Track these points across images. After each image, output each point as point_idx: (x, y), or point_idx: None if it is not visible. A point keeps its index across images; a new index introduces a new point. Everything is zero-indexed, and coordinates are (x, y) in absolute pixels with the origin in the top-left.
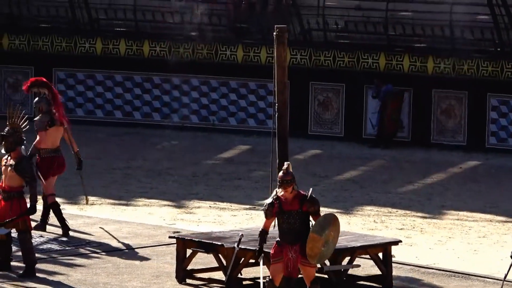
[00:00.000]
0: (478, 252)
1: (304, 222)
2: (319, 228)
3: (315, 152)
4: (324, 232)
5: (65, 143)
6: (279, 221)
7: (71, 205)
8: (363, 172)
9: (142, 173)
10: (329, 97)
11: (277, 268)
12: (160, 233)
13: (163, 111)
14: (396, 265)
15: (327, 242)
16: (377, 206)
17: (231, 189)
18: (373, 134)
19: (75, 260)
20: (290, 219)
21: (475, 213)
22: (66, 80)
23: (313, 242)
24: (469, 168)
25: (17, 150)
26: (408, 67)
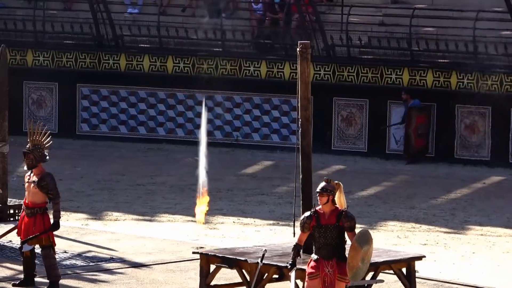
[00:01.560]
0: (501, 267)
1: (340, 237)
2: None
3: (338, 168)
4: (364, 246)
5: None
6: (315, 235)
7: (95, 220)
8: (386, 188)
9: (166, 189)
10: (352, 112)
11: (314, 284)
12: (184, 249)
13: (187, 126)
14: (419, 280)
15: (363, 260)
16: (400, 221)
17: (254, 204)
18: (396, 150)
19: (98, 276)
20: (327, 233)
21: (499, 228)
22: (90, 96)
23: (354, 251)
24: (493, 183)
25: (39, 166)
26: (431, 82)
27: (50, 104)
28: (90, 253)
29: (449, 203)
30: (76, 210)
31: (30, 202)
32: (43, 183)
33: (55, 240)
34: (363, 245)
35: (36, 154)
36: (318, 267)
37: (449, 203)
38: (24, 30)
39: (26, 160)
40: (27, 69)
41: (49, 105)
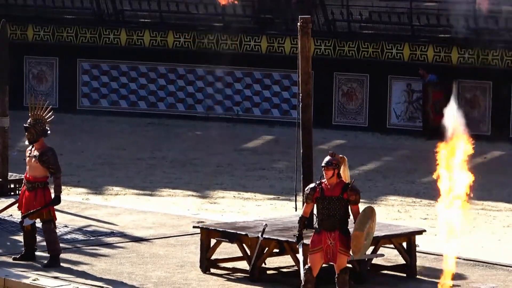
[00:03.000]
0: (502, 242)
1: (344, 209)
2: (361, 225)
3: (339, 142)
4: (365, 227)
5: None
6: (318, 207)
7: (95, 195)
8: (387, 162)
9: (166, 163)
10: (353, 87)
11: (316, 258)
12: (184, 223)
13: (188, 101)
14: (420, 254)
15: (368, 234)
16: (401, 196)
17: (255, 179)
18: (397, 124)
19: (99, 250)
20: (330, 205)
21: (499, 202)
22: (91, 71)
23: (356, 239)
24: (493, 158)
25: (40, 141)
26: (432, 57)
27: (51, 79)
28: (90, 227)
29: None
30: (77, 184)
31: (31, 177)
32: (44, 158)
33: (55, 214)
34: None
35: (37, 128)
36: (320, 240)
37: None
38: (24, 4)
39: (27, 135)
40: (27, 44)
41: (49, 80)
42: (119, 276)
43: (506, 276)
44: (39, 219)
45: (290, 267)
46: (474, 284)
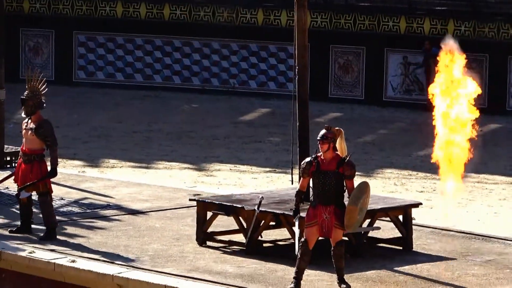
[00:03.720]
0: (498, 214)
1: (339, 184)
2: (355, 199)
3: (335, 115)
4: (359, 202)
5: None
6: (314, 181)
7: (91, 167)
8: (383, 135)
9: (162, 136)
10: (349, 60)
11: (311, 231)
12: (181, 196)
13: (184, 74)
14: (416, 227)
15: (361, 209)
16: (397, 169)
17: (251, 152)
18: (393, 97)
19: (95, 222)
20: (326, 179)
21: (496, 175)
22: (87, 43)
23: (350, 213)
24: (490, 131)
25: (37, 113)
26: (428, 30)
27: (47, 51)
28: (86, 200)
29: None
30: (73, 157)
31: (27, 149)
32: (41, 130)
33: (52, 187)
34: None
35: (34, 101)
36: (316, 214)
37: None
38: None
39: (25, 107)
40: (23, 16)
41: (45, 52)
42: (115, 249)
43: (502, 249)
44: (35, 191)
45: (286, 240)
46: (470, 257)
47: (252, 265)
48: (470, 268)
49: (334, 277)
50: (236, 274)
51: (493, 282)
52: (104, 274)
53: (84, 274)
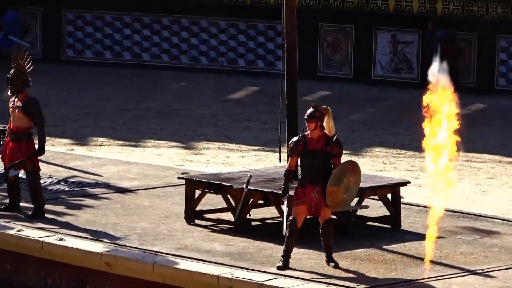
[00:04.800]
0: (486, 193)
1: (327, 162)
2: (336, 180)
3: (324, 94)
4: (342, 182)
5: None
6: (302, 160)
7: (80, 146)
8: (371, 114)
9: (151, 114)
10: (338, 38)
11: (300, 210)
12: (169, 174)
13: (172, 52)
14: (404, 206)
15: (349, 188)
16: (386, 147)
17: (240, 130)
18: (382, 76)
19: (84, 201)
20: (313, 158)
21: (484, 154)
22: (75, 21)
23: (332, 194)
24: (478, 109)
25: (24, 91)
26: (417, 8)
27: (35, 29)
28: (75, 178)
29: None
30: (61, 135)
31: (14, 127)
32: (28, 108)
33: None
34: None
35: (21, 79)
36: (304, 192)
37: None
38: None
39: (11, 86)
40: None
41: (33, 30)
42: (104, 227)
43: (490, 228)
44: (23, 170)
45: (274, 218)
46: (458, 235)
47: (240, 244)
48: (458, 247)
49: (323, 255)
50: (225, 252)
51: (481, 261)
52: (92, 252)
53: (73, 252)
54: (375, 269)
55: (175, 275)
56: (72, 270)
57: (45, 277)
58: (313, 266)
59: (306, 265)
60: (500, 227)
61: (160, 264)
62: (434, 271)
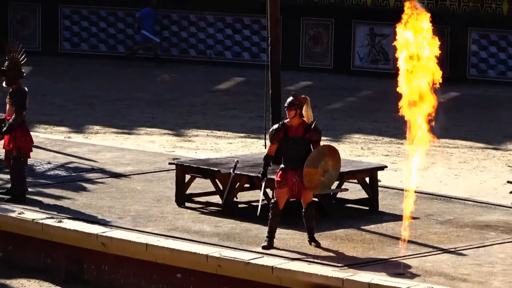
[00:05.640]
0: (459, 177)
1: (306, 148)
2: (312, 162)
3: (306, 84)
4: (319, 164)
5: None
6: (283, 147)
7: (76, 133)
8: (351, 102)
9: (143, 104)
10: (319, 31)
11: (282, 192)
12: (161, 160)
13: (163, 45)
14: (382, 189)
15: (327, 171)
16: (364, 134)
17: (227, 118)
18: (360, 66)
19: (80, 185)
20: (294, 145)
21: (457, 140)
22: (72, 16)
23: (309, 176)
24: (451, 98)
25: (18, 83)
26: (393, 2)
27: (33, 24)
28: (72, 164)
29: None
30: (59, 123)
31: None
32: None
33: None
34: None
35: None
36: (286, 177)
37: None
38: None
39: (6, 78)
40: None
41: (32, 25)
42: (100, 210)
43: (462, 209)
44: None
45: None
46: (432, 216)
47: (228, 225)
48: (432, 227)
49: (305, 235)
50: (213, 233)
51: (453, 240)
52: (89, 234)
53: (70, 234)
54: (354, 248)
55: (166, 255)
56: (70, 250)
57: (44, 257)
58: (296, 246)
59: (289, 245)
60: (471, 209)
61: (152, 245)
62: (410, 250)
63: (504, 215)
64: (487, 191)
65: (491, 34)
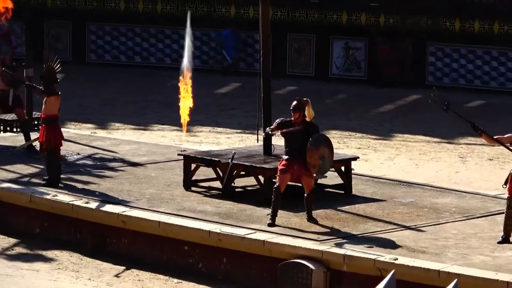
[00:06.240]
0: (418, 166)
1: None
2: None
3: (291, 88)
4: (319, 147)
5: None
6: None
7: (101, 129)
8: (329, 104)
9: (156, 105)
10: (303, 45)
11: (284, 177)
12: (171, 152)
13: (173, 56)
14: (355, 176)
15: (323, 158)
16: (340, 130)
17: (226, 117)
18: (336, 74)
19: (104, 172)
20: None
21: (417, 135)
22: (97, 32)
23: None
24: (412, 100)
25: (53, 87)
26: (365, 21)
27: (65, 38)
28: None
29: (378, 116)
30: (86, 121)
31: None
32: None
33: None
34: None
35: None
36: (289, 165)
37: (378, 116)
38: None
39: (43, 82)
40: (46, 11)
41: (64, 39)
42: (120, 193)
43: (421, 193)
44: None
45: (254, 186)
46: (397, 199)
47: (227, 206)
48: (397, 208)
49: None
50: (214, 213)
51: (414, 218)
52: (111, 213)
53: (96, 213)
54: (332, 225)
55: (175, 230)
56: (96, 226)
57: (74, 232)
58: (283, 223)
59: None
60: (429, 193)
61: (164, 222)
62: (378, 227)
63: (456, 198)
64: (442, 178)
65: (446, 48)
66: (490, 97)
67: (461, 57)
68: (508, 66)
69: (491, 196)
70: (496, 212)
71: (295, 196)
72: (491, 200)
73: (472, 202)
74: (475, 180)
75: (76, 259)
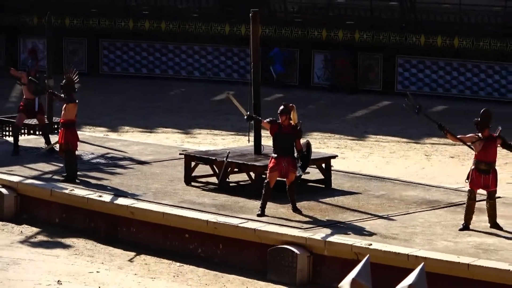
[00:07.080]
0: (389, 163)
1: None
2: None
3: (278, 96)
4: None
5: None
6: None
7: (112, 132)
8: (311, 109)
9: (161, 110)
10: (288, 58)
11: (273, 175)
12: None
13: (175, 68)
14: (334, 172)
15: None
16: (321, 132)
17: (222, 121)
18: (318, 83)
19: (115, 170)
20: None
21: (388, 136)
22: (108, 47)
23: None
24: (384, 106)
25: (72, 95)
26: (342, 37)
27: (81, 53)
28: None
29: (354, 119)
30: (100, 125)
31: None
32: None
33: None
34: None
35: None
36: (278, 163)
37: (354, 120)
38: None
39: (63, 91)
40: (65, 29)
41: (80, 54)
42: (129, 188)
43: (392, 187)
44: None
45: (246, 181)
46: (370, 192)
47: (222, 198)
48: (371, 200)
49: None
50: (212, 204)
51: (386, 209)
52: (122, 205)
53: (108, 205)
54: (314, 215)
55: (177, 220)
56: (108, 217)
57: (89, 222)
58: (271, 213)
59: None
60: (398, 186)
61: (167, 213)
62: (354, 216)
63: (422, 191)
64: (410, 173)
65: (412, 60)
66: (451, 103)
67: (426, 68)
68: (467, 76)
69: (453, 189)
70: (458, 203)
71: (280, 190)
72: (453, 193)
73: (436, 194)
74: (439, 175)
75: (90, 246)
